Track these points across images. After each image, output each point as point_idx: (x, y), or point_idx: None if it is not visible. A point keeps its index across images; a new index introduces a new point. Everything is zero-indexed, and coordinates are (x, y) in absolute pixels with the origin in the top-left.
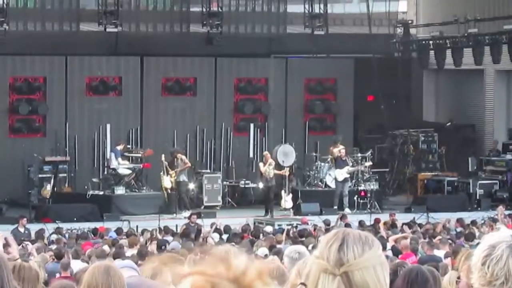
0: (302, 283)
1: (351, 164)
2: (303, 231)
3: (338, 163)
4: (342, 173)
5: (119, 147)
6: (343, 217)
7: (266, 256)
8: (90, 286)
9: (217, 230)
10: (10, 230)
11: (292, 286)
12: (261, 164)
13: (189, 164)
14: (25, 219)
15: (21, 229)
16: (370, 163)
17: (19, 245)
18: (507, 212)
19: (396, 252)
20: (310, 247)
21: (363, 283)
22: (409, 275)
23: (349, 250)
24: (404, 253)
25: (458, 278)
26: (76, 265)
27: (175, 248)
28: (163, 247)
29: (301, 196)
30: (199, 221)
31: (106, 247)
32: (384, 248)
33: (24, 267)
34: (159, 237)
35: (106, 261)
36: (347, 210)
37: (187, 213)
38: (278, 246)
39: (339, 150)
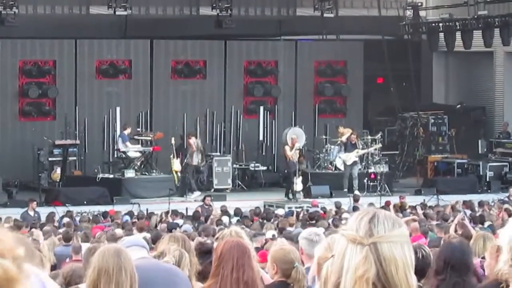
0: (333, 256)
1: (361, 147)
2: (314, 214)
3: (348, 146)
4: (351, 157)
5: (126, 131)
6: (355, 198)
7: (274, 236)
8: (100, 269)
9: (226, 212)
10: (20, 213)
11: (321, 259)
12: (287, 148)
13: (194, 149)
14: (35, 202)
15: (31, 213)
16: (380, 145)
17: (30, 228)
18: None
19: None
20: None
21: (391, 257)
22: (446, 254)
23: (380, 223)
24: (413, 235)
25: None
26: (84, 248)
27: (187, 231)
28: (173, 230)
29: (311, 179)
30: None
31: (118, 230)
32: None
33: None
34: (170, 220)
35: (116, 244)
36: (357, 193)
37: (195, 195)
38: (289, 228)
39: (350, 133)
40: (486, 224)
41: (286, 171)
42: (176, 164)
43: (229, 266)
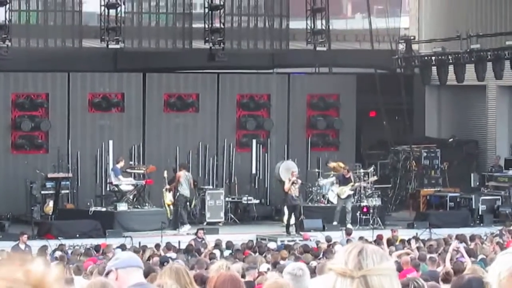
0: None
1: (353, 181)
2: (307, 247)
3: (341, 180)
4: (345, 190)
5: (119, 165)
6: (347, 231)
7: (268, 270)
8: None
9: (217, 246)
10: (11, 246)
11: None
12: (287, 182)
13: (180, 181)
14: (25, 235)
15: (22, 246)
16: (375, 178)
17: None
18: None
19: (398, 268)
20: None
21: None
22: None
23: (368, 257)
24: (405, 268)
25: None
26: (78, 281)
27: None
28: (165, 263)
29: (304, 212)
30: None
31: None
32: None
33: None
34: (162, 253)
35: (103, 278)
36: (349, 226)
37: (184, 229)
38: (282, 262)
39: (343, 167)
40: (479, 257)
41: (287, 206)
42: (169, 197)
43: None
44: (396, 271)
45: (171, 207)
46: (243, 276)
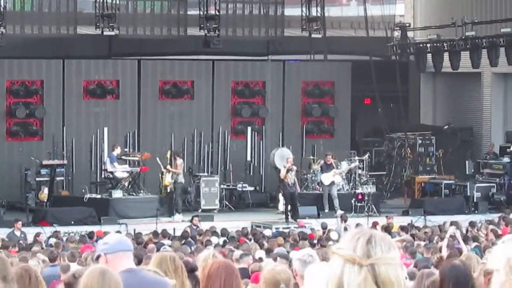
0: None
1: (338, 167)
2: (303, 234)
3: (323, 167)
4: (328, 177)
5: (115, 152)
6: (343, 218)
7: (260, 259)
8: None
9: (214, 233)
10: (7, 233)
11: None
12: (282, 170)
13: (179, 170)
14: (20, 222)
15: (17, 233)
16: (356, 163)
17: (18, 248)
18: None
19: None
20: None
21: (387, 278)
22: (451, 276)
23: (377, 245)
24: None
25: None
26: (72, 268)
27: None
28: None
29: (298, 200)
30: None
31: None
32: None
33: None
34: (156, 240)
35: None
36: (339, 212)
37: (179, 217)
38: (276, 249)
39: (325, 155)
40: (473, 245)
41: (282, 193)
42: (168, 178)
43: (215, 286)
44: (401, 262)
45: (168, 189)
46: (237, 263)
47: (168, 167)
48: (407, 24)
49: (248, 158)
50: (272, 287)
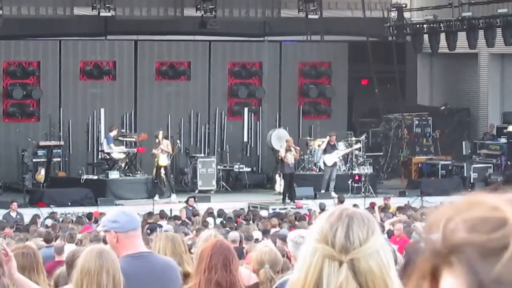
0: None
1: (341, 148)
2: (300, 215)
3: (327, 148)
4: (331, 158)
5: (112, 133)
6: (340, 199)
7: (257, 240)
8: (83, 269)
9: (211, 214)
10: (3, 214)
11: None
12: (282, 150)
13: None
14: (15, 203)
15: (13, 214)
16: (359, 145)
17: (14, 229)
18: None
19: (390, 233)
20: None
21: (367, 270)
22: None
23: (355, 235)
24: (397, 235)
25: None
26: (70, 249)
27: (169, 231)
28: (148, 230)
29: (296, 180)
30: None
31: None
32: (383, 232)
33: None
34: (152, 220)
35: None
36: (333, 194)
37: (174, 197)
38: (273, 230)
39: (329, 136)
40: None
41: (281, 173)
42: (163, 159)
43: (202, 266)
44: (383, 241)
45: (162, 170)
46: (241, 243)
47: (163, 148)
48: (404, 5)
49: (245, 139)
50: (258, 267)
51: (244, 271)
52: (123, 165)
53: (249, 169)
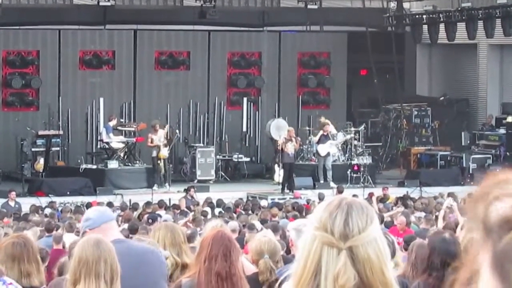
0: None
1: (339, 139)
2: (298, 205)
3: (321, 138)
4: (324, 148)
5: (111, 123)
6: (339, 189)
7: (256, 230)
8: (80, 259)
9: (209, 204)
10: (1, 203)
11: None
12: (280, 140)
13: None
14: (13, 192)
15: (12, 203)
16: (352, 135)
17: (12, 218)
18: None
19: (387, 225)
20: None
21: (366, 258)
22: (442, 250)
23: (354, 223)
24: (399, 227)
25: None
26: (70, 238)
27: (168, 220)
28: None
29: (294, 170)
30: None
31: None
32: (382, 222)
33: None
34: (150, 210)
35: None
36: (332, 184)
37: (167, 188)
38: (273, 219)
39: (323, 124)
40: None
41: (280, 163)
42: (164, 151)
43: (202, 256)
44: (380, 230)
45: (162, 161)
46: (241, 233)
47: (164, 142)
48: None
49: (244, 129)
50: (257, 257)
51: (245, 262)
52: (122, 154)
53: (248, 159)
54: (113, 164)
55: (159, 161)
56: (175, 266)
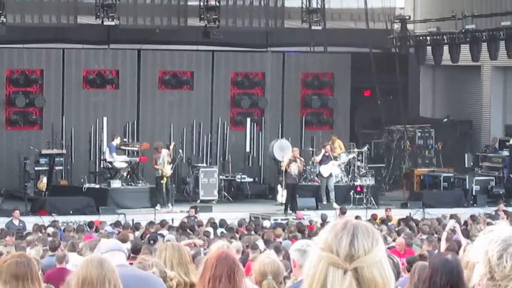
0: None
1: (337, 159)
2: (301, 225)
3: (323, 159)
4: (327, 169)
5: (115, 142)
6: (342, 210)
7: (259, 250)
8: (84, 280)
9: (212, 224)
10: (5, 222)
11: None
12: (285, 161)
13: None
14: (17, 211)
15: (16, 222)
16: (354, 155)
17: (15, 237)
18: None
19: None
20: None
21: (371, 279)
22: (445, 271)
23: (360, 244)
24: (398, 248)
25: None
26: (73, 257)
27: (171, 240)
28: (151, 241)
29: (297, 191)
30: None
31: (103, 241)
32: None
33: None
34: (152, 230)
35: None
36: (334, 205)
37: (170, 208)
38: (278, 240)
39: (323, 146)
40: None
41: (284, 183)
42: (168, 169)
43: (206, 276)
44: (385, 252)
45: (165, 180)
46: (244, 254)
47: (169, 159)
48: (407, 17)
49: (247, 149)
50: (261, 278)
51: (248, 283)
52: (125, 174)
53: (251, 179)
54: (116, 184)
55: (162, 180)
56: (183, 286)
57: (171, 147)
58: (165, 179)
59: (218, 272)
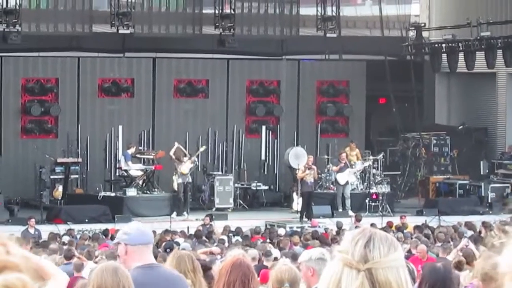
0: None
1: (353, 166)
2: (316, 234)
3: (340, 167)
4: (343, 177)
5: (130, 151)
6: (357, 218)
7: (276, 258)
8: (99, 287)
9: (229, 232)
10: (21, 231)
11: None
12: (301, 169)
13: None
14: (33, 220)
15: (31, 230)
16: (369, 163)
17: (31, 245)
18: None
19: (407, 256)
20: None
21: (385, 281)
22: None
23: (375, 248)
24: (419, 255)
25: None
26: (89, 266)
27: (186, 249)
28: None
29: (313, 199)
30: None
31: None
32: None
33: None
34: (168, 238)
35: (112, 262)
36: (350, 213)
37: (185, 216)
38: (294, 247)
39: (339, 154)
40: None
41: (300, 191)
42: (185, 168)
43: (221, 283)
44: (404, 261)
45: (181, 186)
46: (260, 261)
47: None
48: (422, 24)
49: (263, 157)
50: (278, 285)
51: None
52: (140, 182)
53: (266, 187)
54: (131, 192)
55: (178, 186)
56: None
57: (201, 149)
58: (181, 185)
59: (232, 278)
